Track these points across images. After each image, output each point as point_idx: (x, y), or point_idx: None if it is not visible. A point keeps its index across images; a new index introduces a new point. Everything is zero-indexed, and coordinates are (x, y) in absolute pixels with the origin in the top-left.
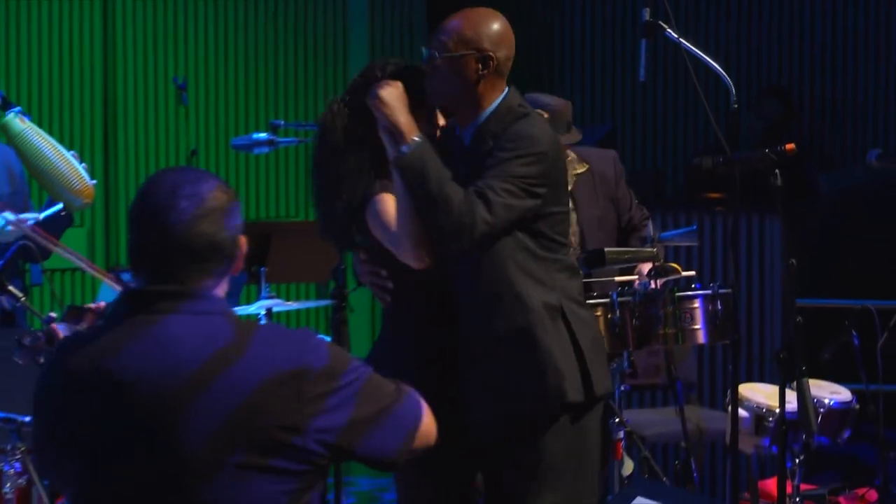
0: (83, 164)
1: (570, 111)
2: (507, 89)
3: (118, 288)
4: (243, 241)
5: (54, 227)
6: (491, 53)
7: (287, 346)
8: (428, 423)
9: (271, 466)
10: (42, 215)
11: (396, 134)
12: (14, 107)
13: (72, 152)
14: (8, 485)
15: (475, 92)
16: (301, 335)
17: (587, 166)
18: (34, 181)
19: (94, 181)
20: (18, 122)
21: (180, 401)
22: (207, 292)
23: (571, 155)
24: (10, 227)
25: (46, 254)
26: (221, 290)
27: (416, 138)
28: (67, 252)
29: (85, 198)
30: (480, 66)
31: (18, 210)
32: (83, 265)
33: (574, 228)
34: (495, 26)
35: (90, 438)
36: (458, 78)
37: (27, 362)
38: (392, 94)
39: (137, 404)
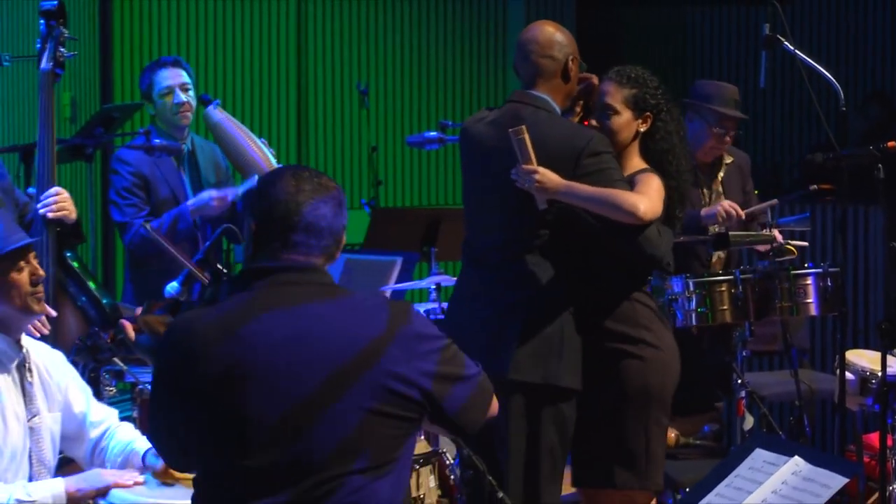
0: (271, 150)
1: (737, 93)
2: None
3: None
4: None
5: None
6: None
7: (394, 311)
8: (495, 399)
9: (384, 411)
10: (240, 190)
11: None
12: (214, 101)
13: (262, 139)
14: None
15: None
16: (404, 305)
17: (732, 158)
18: (237, 175)
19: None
20: (217, 113)
21: (302, 355)
22: (321, 267)
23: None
24: (213, 203)
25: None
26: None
27: None
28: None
29: None
30: None
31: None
32: None
33: None
34: None
35: (223, 388)
36: None
37: (86, 362)
38: None
39: (268, 359)
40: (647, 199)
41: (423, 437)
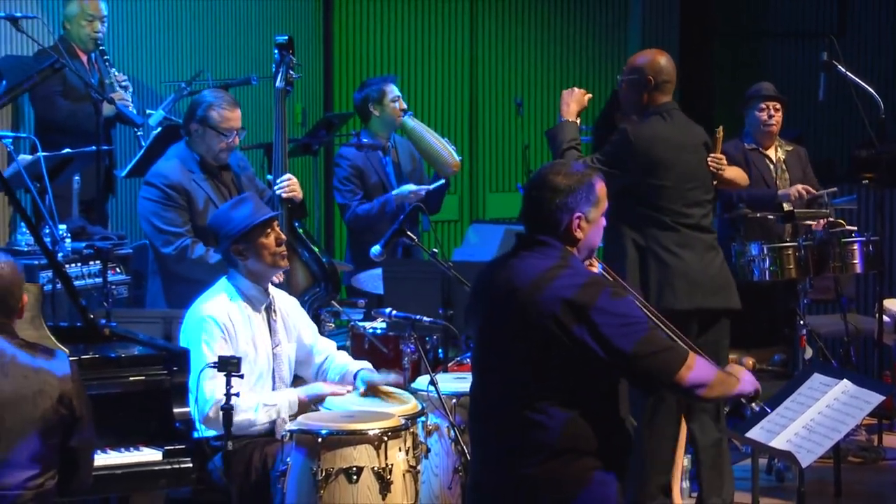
0: (453, 147)
1: (771, 87)
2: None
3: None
4: (575, 215)
5: (438, 196)
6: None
7: (585, 285)
8: (696, 376)
9: (547, 356)
10: (432, 187)
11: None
12: (408, 111)
13: (445, 139)
14: (405, 359)
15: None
16: (598, 284)
17: (792, 147)
18: (426, 165)
19: (460, 157)
20: (410, 121)
21: (514, 302)
22: (546, 240)
23: (780, 140)
24: (410, 195)
25: (433, 210)
26: (581, 244)
27: (567, 118)
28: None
29: (453, 168)
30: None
31: (417, 181)
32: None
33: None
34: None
35: (480, 313)
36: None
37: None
38: (567, 93)
39: (496, 300)
40: None
41: None
